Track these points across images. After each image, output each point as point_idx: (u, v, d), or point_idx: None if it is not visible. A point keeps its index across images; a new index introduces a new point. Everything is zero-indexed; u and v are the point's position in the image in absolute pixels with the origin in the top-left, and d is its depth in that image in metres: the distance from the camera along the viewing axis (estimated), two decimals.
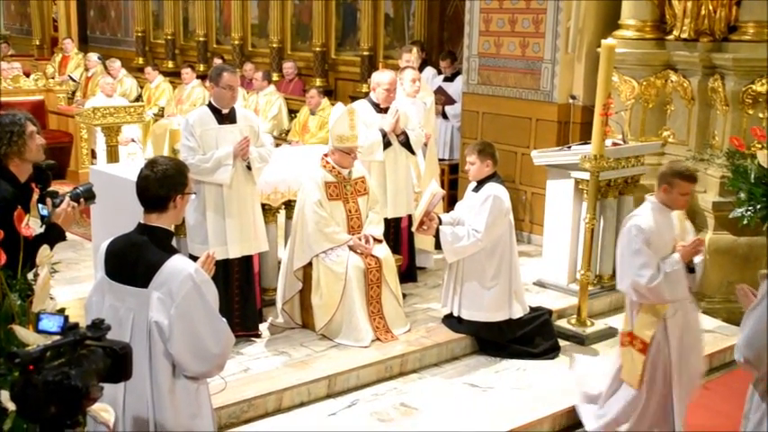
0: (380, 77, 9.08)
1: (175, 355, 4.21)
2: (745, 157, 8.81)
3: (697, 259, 6.41)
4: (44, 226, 5.68)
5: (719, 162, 9.21)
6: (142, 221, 4.41)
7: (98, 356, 3.55)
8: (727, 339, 8.53)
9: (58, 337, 3.53)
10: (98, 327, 3.59)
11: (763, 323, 4.52)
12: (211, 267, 4.58)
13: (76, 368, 3.46)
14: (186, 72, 15.45)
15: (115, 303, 4.29)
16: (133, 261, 4.29)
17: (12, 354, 3.43)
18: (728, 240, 9.10)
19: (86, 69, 17.27)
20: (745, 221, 8.62)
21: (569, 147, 9.33)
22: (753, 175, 8.62)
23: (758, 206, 8.51)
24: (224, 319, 4.35)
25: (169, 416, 4.25)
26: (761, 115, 9.23)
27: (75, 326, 3.52)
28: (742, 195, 8.65)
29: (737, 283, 5.46)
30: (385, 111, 8.94)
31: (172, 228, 4.49)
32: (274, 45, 17.15)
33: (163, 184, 4.35)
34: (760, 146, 8.78)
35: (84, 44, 21.32)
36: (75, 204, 5.74)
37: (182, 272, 4.21)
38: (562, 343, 8.16)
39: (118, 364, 3.60)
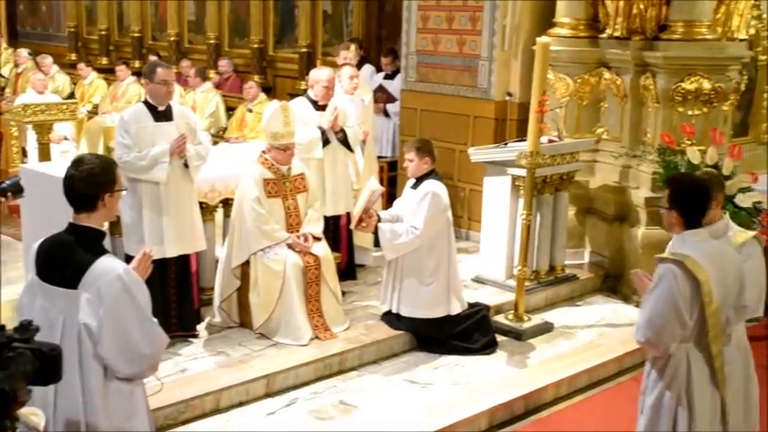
0: (318, 75, 9.08)
1: (106, 357, 4.15)
2: (675, 154, 8.95)
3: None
4: None
5: (651, 158, 9.34)
6: (72, 221, 4.33)
7: (26, 359, 3.51)
8: None
9: None
10: (26, 328, 3.54)
11: (661, 304, 4.85)
12: (148, 267, 4.52)
13: (3, 371, 3.42)
14: (120, 69, 15.28)
15: (45, 305, 4.22)
16: (62, 262, 4.22)
17: None
18: (661, 235, 9.12)
19: (16, 65, 16.98)
20: None
21: (506, 144, 9.36)
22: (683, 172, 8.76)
23: None
24: (155, 320, 4.30)
25: (102, 418, 4.19)
26: (690, 112, 9.32)
27: (2, 328, 3.47)
28: None
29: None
30: (323, 108, 8.92)
31: (104, 227, 4.41)
32: (211, 41, 17.07)
33: (89, 182, 4.26)
34: (689, 142, 8.92)
35: (14, 39, 21.00)
36: (3, 199, 5.67)
37: (111, 272, 4.14)
38: (500, 338, 8.19)
39: (47, 367, 3.57)
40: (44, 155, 11.89)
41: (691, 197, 5.11)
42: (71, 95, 15.29)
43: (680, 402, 5.05)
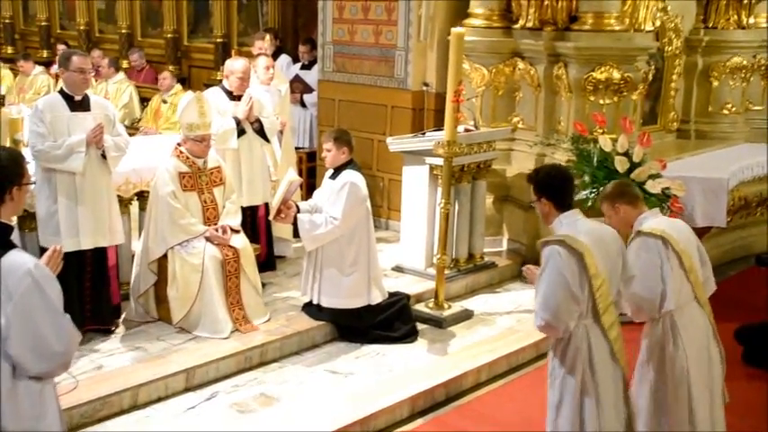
0: (233, 65, 9.02)
1: (15, 355, 4.04)
2: (588, 142, 9.07)
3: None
4: None
5: (565, 147, 9.47)
6: None
7: None
8: None
9: None
10: None
11: (552, 284, 5.04)
12: (58, 262, 4.42)
13: None
14: (22, 65, 15.03)
15: None
16: None
17: None
18: None
19: None
20: (589, 203, 8.84)
21: (424, 133, 9.38)
22: (595, 159, 8.88)
23: (601, 188, 8.75)
24: (68, 316, 4.19)
25: (9, 419, 4.09)
26: (601, 101, 9.48)
27: None
28: (586, 178, 8.89)
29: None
30: (238, 98, 8.86)
31: (12, 221, 4.31)
32: (123, 31, 16.93)
33: None
34: (601, 131, 9.04)
35: None
36: None
37: (20, 268, 4.03)
38: (421, 326, 8.23)
39: None
40: None
41: (554, 181, 5.45)
42: None
43: (585, 387, 5.22)
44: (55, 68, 11.87)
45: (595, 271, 5.11)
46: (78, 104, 7.31)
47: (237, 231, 7.91)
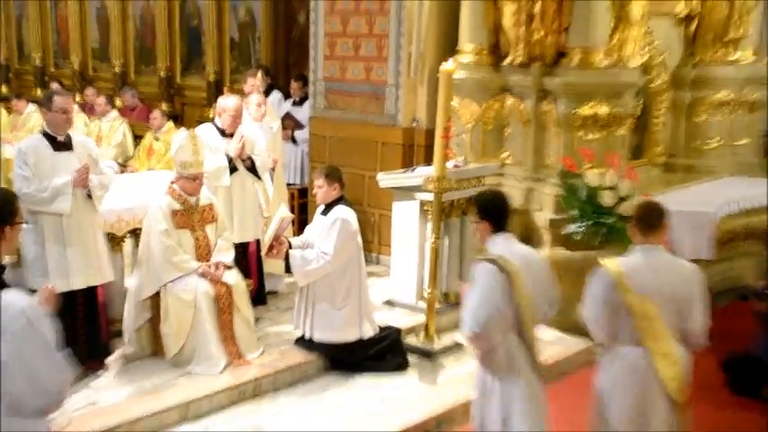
0: (225, 103, 9.05)
1: (10, 392, 4.05)
2: (576, 177, 9.16)
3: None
4: None
5: (553, 181, 9.53)
6: None
7: None
8: (565, 347, 8.90)
9: None
10: None
11: (481, 298, 5.49)
12: (52, 301, 4.48)
13: None
14: (15, 103, 14.99)
15: None
16: None
17: None
18: (564, 255, 9.35)
19: None
20: (578, 237, 8.99)
21: (413, 169, 9.43)
22: (584, 194, 8.98)
23: (589, 222, 8.88)
24: (61, 354, 4.18)
25: None
26: (589, 136, 9.57)
27: None
28: (574, 212, 8.99)
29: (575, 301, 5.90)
30: (231, 136, 8.91)
31: (4, 260, 4.36)
32: (117, 69, 17.01)
33: None
34: (589, 165, 9.14)
35: None
36: None
37: (13, 307, 4.03)
38: (412, 358, 8.30)
39: None
40: None
41: (493, 205, 5.98)
42: None
43: (511, 397, 5.72)
44: None
45: (521, 290, 5.56)
46: (62, 145, 7.31)
47: (230, 267, 7.96)
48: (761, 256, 9.97)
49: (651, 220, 5.70)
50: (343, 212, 7.88)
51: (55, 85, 15.04)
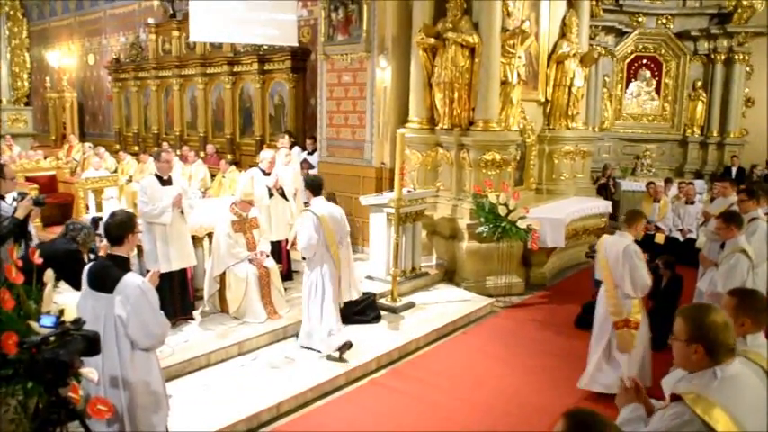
0: (264, 155, 9.04)
1: (131, 336, 4.08)
2: (482, 198, 9.10)
3: None
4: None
5: (469, 201, 9.45)
6: (109, 251, 4.26)
7: (78, 341, 3.47)
8: (478, 303, 8.78)
9: (52, 330, 3.42)
10: (78, 322, 3.51)
11: (307, 230, 6.73)
12: (156, 280, 4.41)
13: (64, 348, 3.36)
14: (141, 157, 14.81)
15: (94, 304, 4.12)
16: (103, 277, 4.13)
17: (21, 342, 3.33)
18: (476, 246, 9.29)
19: (83, 153, 16.46)
20: (484, 235, 8.91)
21: (383, 194, 9.37)
22: (487, 208, 8.92)
23: (490, 226, 8.82)
24: (162, 312, 4.22)
25: (130, 374, 4.12)
26: (490, 172, 9.48)
27: (63, 322, 3.41)
28: (482, 220, 8.93)
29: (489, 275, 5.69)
30: (269, 175, 8.85)
31: (129, 254, 4.31)
32: (201, 134, 16.84)
33: (119, 227, 4.24)
34: (490, 191, 9.09)
35: (83, 137, 20.41)
36: (35, 207, 5.77)
37: (133, 283, 4.08)
38: (383, 312, 8.17)
39: (91, 345, 3.53)
40: (98, 209, 11.63)
41: (314, 182, 7.08)
42: (115, 171, 14.81)
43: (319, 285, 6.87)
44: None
45: (327, 225, 6.79)
46: (166, 181, 7.29)
47: (268, 255, 7.82)
48: (590, 242, 9.98)
49: None
50: None
51: (165, 145, 15.00)
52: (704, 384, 2.72)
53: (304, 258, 7.42)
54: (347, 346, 6.87)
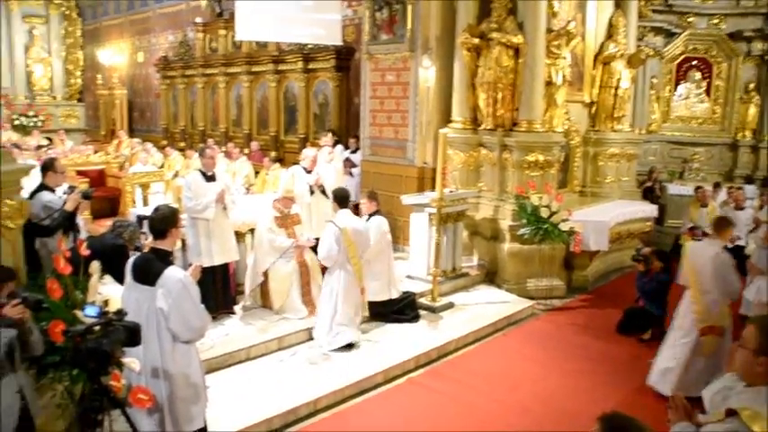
0: (306, 153, 9.13)
1: (172, 328, 4.13)
2: (524, 199, 9.02)
3: None
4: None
5: (511, 202, 9.36)
6: (152, 245, 4.33)
7: (120, 331, 3.55)
8: (518, 305, 8.69)
9: (96, 320, 3.50)
10: (120, 313, 3.58)
11: (328, 240, 6.90)
12: (197, 274, 4.47)
13: (106, 339, 3.43)
14: (187, 153, 15.07)
15: (138, 296, 4.19)
16: (146, 270, 4.20)
17: (66, 330, 3.41)
18: (517, 247, 9.21)
19: (131, 148, 16.83)
20: (525, 236, 8.84)
21: (424, 193, 9.35)
22: (529, 210, 8.84)
23: (532, 228, 8.73)
24: (203, 306, 4.27)
25: (171, 365, 4.18)
26: (533, 174, 9.38)
27: (106, 312, 3.48)
28: (524, 221, 8.86)
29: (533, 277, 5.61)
30: (310, 172, 8.93)
31: (172, 248, 4.38)
32: (246, 131, 17.02)
33: (162, 222, 4.30)
34: (533, 192, 9.00)
35: (131, 133, 20.85)
36: (83, 200, 6.05)
37: (175, 276, 4.14)
38: (422, 312, 8.15)
39: (132, 336, 3.60)
40: (145, 203, 11.87)
41: (341, 194, 7.30)
42: (162, 166, 15.10)
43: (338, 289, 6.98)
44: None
45: (348, 238, 6.93)
46: (209, 177, 7.40)
47: (314, 243, 7.71)
48: (635, 246, 9.77)
49: None
50: (378, 220, 7.80)
51: (210, 141, 15.24)
52: (763, 401, 2.55)
53: None
54: (350, 347, 7.00)
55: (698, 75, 15.24)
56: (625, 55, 11.24)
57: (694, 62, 15.20)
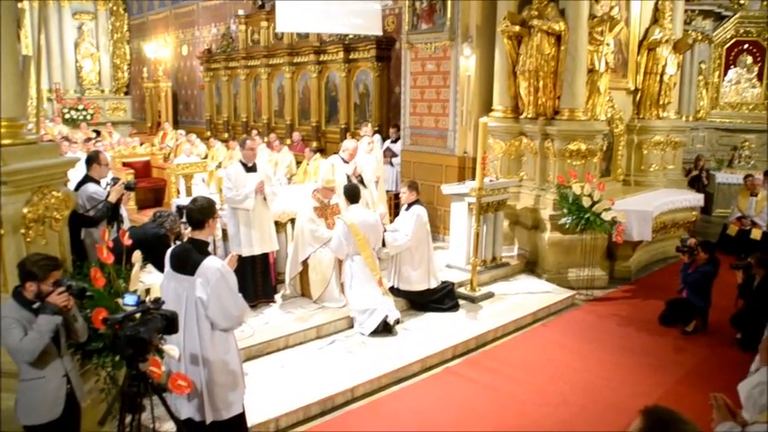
0: (346, 144, 9.17)
1: (211, 317, 4.19)
2: (566, 188, 8.91)
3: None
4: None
5: (552, 191, 9.27)
6: (190, 235, 4.40)
7: (158, 320, 3.62)
8: (558, 295, 8.61)
9: (134, 308, 3.59)
10: (158, 302, 3.65)
11: (338, 237, 7.22)
12: (234, 263, 4.53)
13: (144, 327, 3.51)
14: (230, 143, 15.29)
15: (177, 286, 4.26)
16: (185, 260, 4.26)
17: (105, 318, 3.50)
18: (558, 237, 9.12)
19: (176, 140, 17.13)
20: (567, 226, 8.73)
21: (464, 183, 9.32)
22: (570, 199, 8.73)
23: (573, 217, 8.63)
24: (240, 295, 4.31)
25: (210, 352, 4.25)
26: (574, 163, 9.26)
27: (144, 301, 3.56)
28: (565, 211, 8.75)
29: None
30: (348, 162, 8.97)
31: (209, 239, 4.45)
32: (288, 122, 17.17)
33: (200, 213, 4.35)
34: (575, 181, 8.88)
35: (176, 125, 21.23)
36: (126, 191, 6.26)
37: (213, 266, 4.18)
38: (461, 302, 8.13)
39: (169, 324, 3.67)
40: (189, 193, 12.08)
41: (351, 191, 7.38)
42: (206, 157, 15.35)
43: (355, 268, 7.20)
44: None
45: (356, 231, 7.10)
46: (250, 168, 7.47)
47: None
48: (680, 237, 9.56)
49: None
50: (418, 210, 7.78)
51: (253, 133, 15.40)
52: None
53: (383, 245, 7.61)
54: (386, 323, 7.08)
55: (749, 59, 14.80)
56: (671, 40, 10.96)
57: (746, 46, 14.76)
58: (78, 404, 4.21)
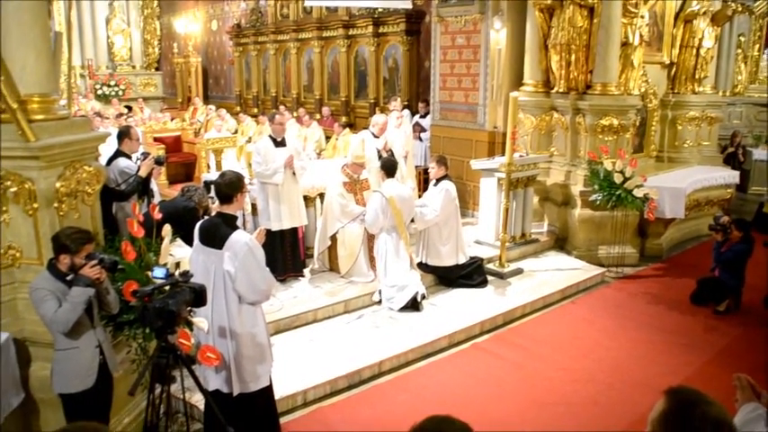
0: (376, 119, 9.12)
1: (239, 290, 4.23)
2: (597, 164, 8.79)
3: None
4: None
5: (583, 167, 9.15)
6: (219, 210, 4.43)
7: (186, 292, 3.66)
8: (588, 272, 8.54)
9: (163, 281, 3.64)
10: (186, 275, 3.70)
11: (374, 209, 7.10)
12: (262, 237, 4.55)
13: (173, 299, 3.56)
14: (260, 118, 15.23)
15: (205, 259, 4.31)
16: (213, 234, 4.30)
17: (135, 291, 3.55)
18: (589, 214, 9.01)
19: (206, 115, 17.22)
20: (597, 203, 8.63)
21: (494, 158, 9.25)
22: (602, 175, 8.61)
23: (605, 193, 8.52)
24: (268, 269, 4.34)
25: (237, 325, 4.29)
26: (606, 138, 9.12)
27: (173, 274, 3.61)
28: (596, 187, 8.65)
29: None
30: (378, 137, 8.92)
31: (237, 213, 4.47)
32: (317, 96, 17.12)
33: (228, 187, 4.37)
34: (606, 157, 8.75)
35: (206, 100, 21.30)
36: (157, 166, 6.34)
37: (241, 240, 4.21)
38: (490, 278, 8.12)
39: (197, 297, 3.72)
40: (218, 167, 12.16)
41: (388, 164, 7.35)
42: (236, 132, 15.41)
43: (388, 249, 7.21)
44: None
45: (394, 206, 7.03)
46: (279, 143, 7.51)
47: None
48: (714, 214, 9.39)
49: None
50: (447, 185, 7.74)
51: (282, 108, 15.36)
52: None
53: (412, 221, 7.60)
54: (414, 300, 7.12)
55: None
56: (709, 12, 10.65)
57: None
58: (111, 374, 4.30)
